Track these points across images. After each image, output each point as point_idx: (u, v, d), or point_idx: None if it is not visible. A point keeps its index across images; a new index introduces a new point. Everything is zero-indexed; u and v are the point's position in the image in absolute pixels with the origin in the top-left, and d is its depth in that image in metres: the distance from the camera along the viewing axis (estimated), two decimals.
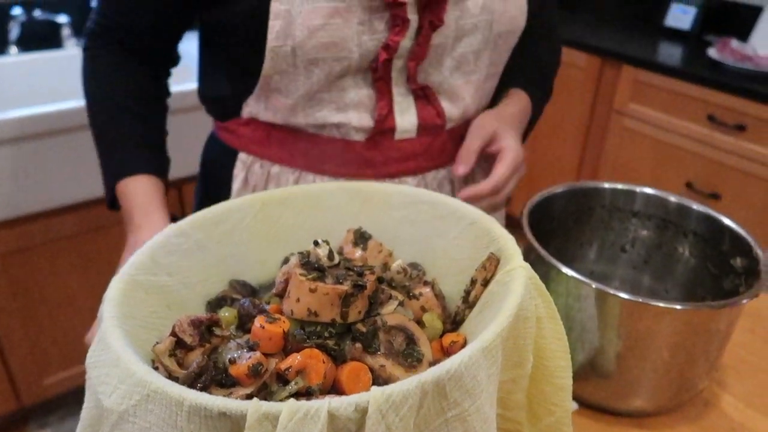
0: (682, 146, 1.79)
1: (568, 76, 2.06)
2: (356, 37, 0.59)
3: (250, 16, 0.58)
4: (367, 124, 0.65)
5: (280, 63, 0.60)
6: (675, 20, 2.06)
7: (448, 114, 0.68)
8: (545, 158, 2.24)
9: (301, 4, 0.57)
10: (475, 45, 0.66)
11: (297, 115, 0.65)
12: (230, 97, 0.68)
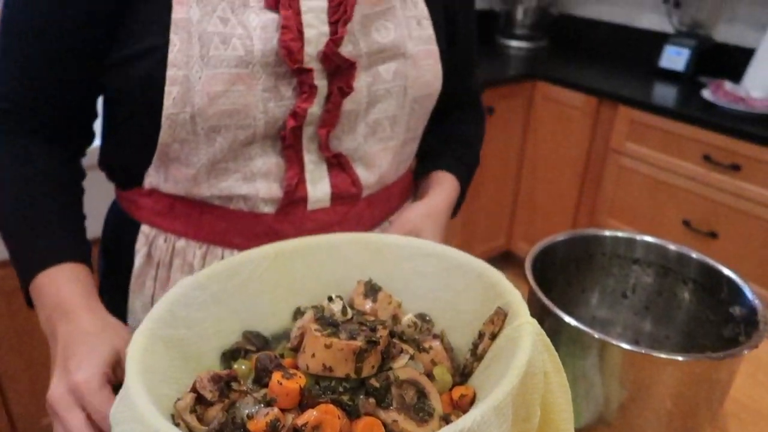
0: (679, 185, 1.82)
1: (565, 115, 2.10)
2: (261, 104, 0.57)
3: (146, 81, 0.55)
4: (276, 194, 0.62)
5: (178, 131, 0.56)
6: (669, 62, 2.12)
7: (365, 182, 0.66)
8: (544, 196, 2.27)
9: (200, 70, 0.54)
10: (390, 111, 0.64)
11: (200, 186, 0.61)
12: (129, 167, 0.64)
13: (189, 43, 0.53)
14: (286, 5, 0.55)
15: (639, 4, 2.38)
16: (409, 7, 0.64)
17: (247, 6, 0.55)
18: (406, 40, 0.62)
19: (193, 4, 0.54)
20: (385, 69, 0.62)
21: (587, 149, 2.07)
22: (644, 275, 0.74)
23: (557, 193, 2.21)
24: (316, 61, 0.57)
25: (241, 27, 0.55)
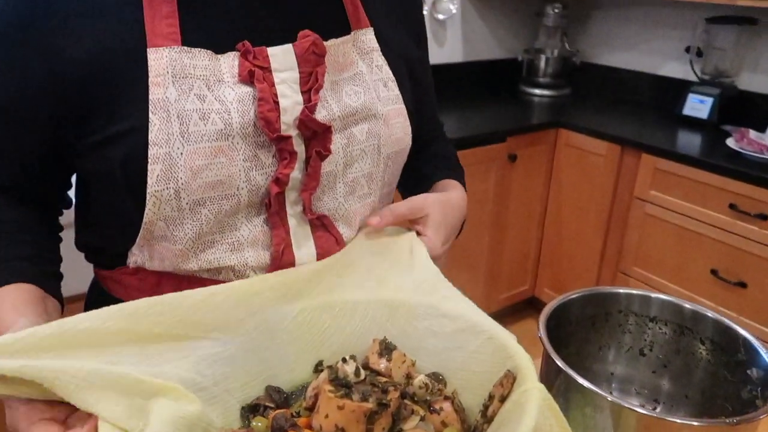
0: (706, 233, 1.80)
1: (588, 162, 2.11)
2: (243, 173, 0.58)
3: (127, 161, 0.55)
4: (264, 261, 0.62)
5: (163, 208, 0.56)
6: (692, 110, 2.12)
7: (347, 239, 0.67)
8: (568, 242, 2.26)
9: (181, 146, 0.55)
10: (365, 169, 0.67)
11: (188, 261, 0.60)
12: (112, 247, 0.63)
13: (168, 122, 0.55)
14: (260, 78, 0.57)
15: (661, 53, 2.41)
16: (375, 71, 0.67)
17: (222, 82, 0.57)
18: (375, 102, 0.66)
19: (170, 85, 0.55)
20: (359, 130, 0.65)
21: (611, 196, 2.07)
22: (661, 333, 0.74)
23: (582, 239, 2.21)
24: (293, 128, 0.59)
25: (218, 102, 0.57)
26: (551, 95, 2.55)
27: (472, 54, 2.62)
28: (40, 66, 0.55)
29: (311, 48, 0.60)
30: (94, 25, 0.55)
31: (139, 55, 0.55)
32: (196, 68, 0.56)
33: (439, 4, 2.41)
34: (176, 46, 0.56)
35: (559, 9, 2.50)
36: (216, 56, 0.57)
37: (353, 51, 0.66)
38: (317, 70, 0.60)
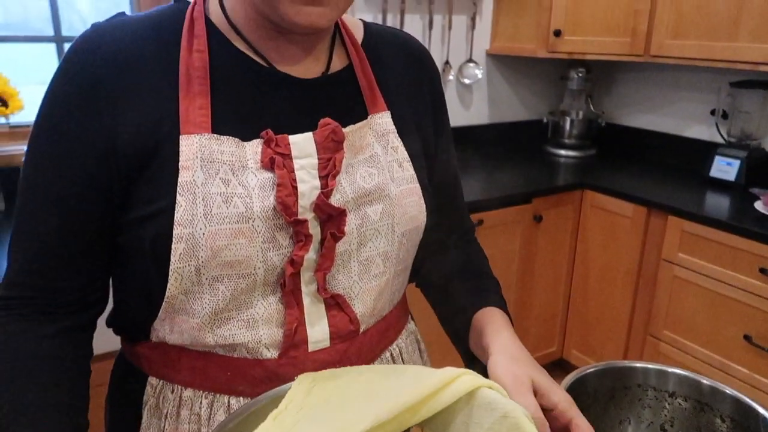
0: (737, 298, 1.78)
1: (615, 224, 2.12)
2: (261, 254, 0.60)
3: (155, 240, 0.58)
4: (277, 339, 0.64)
5: (184, 282, 0.59)
6: (720, 172, 2.13)
7: (361, 318, 0.68)
8: (596, 304, 2.24)
9: (204, 227, 0.57)
10: (380, 248, 0.67)
11: (205, 335, 0.62)
12: (137, 321, 0.66)
13: (194, 204, 0.58)
14: (280, 165, 0.60)
15: (687, 115, 2.43)
16: (390, 152, 0.69)
17: (246, 168, 0.60)
18: (389, 183, 0.67)
19: (198, 169, 0.58)
20: (373, 210, 0.66)
21: (639, 258, 2.06)
22: (681, 409, 0.74)
23: (610, 301, 2.19)
24: (309, 211, 0.62)
25: (241, 187, 0.59)
26: (577, 156, 2.58)
27: (498, 116, 2.68)
28: (96, 151, 0.59)
29: (330, 136, 0.63)
30: (140, 111, 0.59)
31: (173, 141, 0.59)
32: (224, 154, 0.60)
33: (465, 69, 2.49)
34: (206, 134, 0.60)
35: (583, 73, 2.56)
36: (242, 143, 0.61)
37: (370, 134, 0.68)
38: (335, 157, 0.63)
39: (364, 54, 0.71)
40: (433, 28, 2.35)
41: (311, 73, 0.67)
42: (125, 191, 0.60)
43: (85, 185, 0.60)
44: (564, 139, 2.63)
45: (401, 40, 0.77)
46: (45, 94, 0.61)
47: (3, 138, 1.77)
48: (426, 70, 0.77)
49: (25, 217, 0.61)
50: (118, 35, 0.60)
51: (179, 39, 0.62)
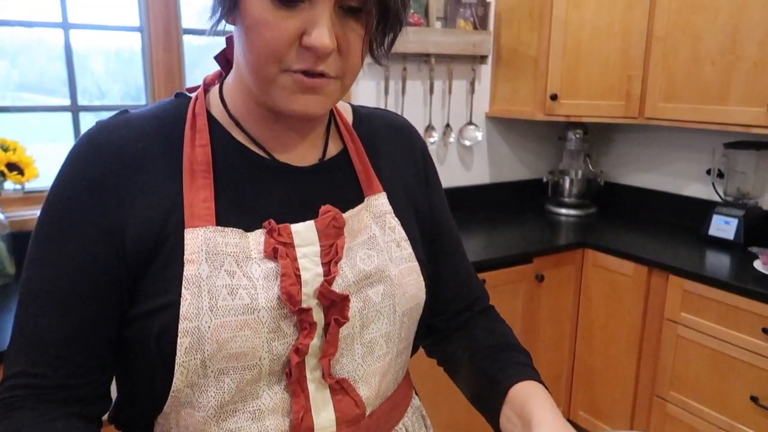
0: (741, 358, 1.77)
1: (617, 283, 2.13)
2: (266, 344, 0.60)
3: (161, 334, 0.58)
4: (284, 428, 0.63)
5: (190, 376, 0.58)
6: (718, 230, 2.15)
7: (366, 400, 0.67)
8: (601, 364, 2.23)
9: (209, 320, 0.57)
10: (383, 329, 0.68)
11: (211, 429, 0.61)
12: (141, 416, 0.65)
13: (199, 297, 0.58)
14: (283, 255, 0.61)
15: (683, 174, 2.48)
16: (388, 233, 0.71)
17: (250, 258, 0.61)
18: (388, 264, 0.68)
19: (203, 262, 0.59)
20: (374, 292, 0.67)
21: (642, 318, 2.06)
22: None
23: (615, 361, 2.17)
24: (313, 298, 0.62)
25: (246, 278, 0.60)
26: (577, 215, 2.62)
27: (498, 176, 2.74)
28: (102, 249, 0.59)
29: (332, 223, 0.65)
30: (146, 207, 0.60)
31: (178, 234, 0.60)
32: (228, 246, 0.60)
33: (465, 131, 2.57)
34: (211, 226, 0.61)
35: (580, 134, 2.63)
36: (245, 234, 0.62)
37: (367, 216, 0.70)
38: (337, 243, 0.64)
39: (357, 137, 0.74)
40: (434, 93, 2.44)
41: (308, 160, 0.70)
42: (132, 287, 0.60)
43: (90, 284, 0.59)
44: (564, 198, 2.67)
45: (388, 120, 0.80)
46: (50, 192, 0.61)
47: (17, 203, 1.82)
48: (414, 144, 0.80)
49: (28, 317, 0.60)
50: (123, 133, 0.62)
51: (182, 134, 0.64)
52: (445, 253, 0.81)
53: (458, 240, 0.84)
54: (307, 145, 0.70)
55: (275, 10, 0.56)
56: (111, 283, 0.60)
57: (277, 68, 0.59)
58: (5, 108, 1.79)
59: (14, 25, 1.79)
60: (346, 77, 0.62)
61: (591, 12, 2.25)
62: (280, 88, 0.60)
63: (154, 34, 1.95)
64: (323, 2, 0.56)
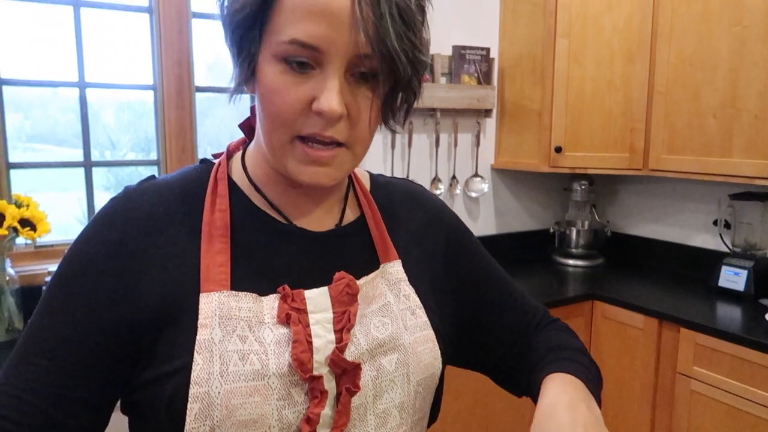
0: (757, 414, 1.73)
1: (627, 335, 2.11)
2: (276, 412, 0.59)
3: (171, 399, 0.57)
4: None
5: None
6: (728, 282, 2.14)
7: None
8: (614, 419, 2.17)
9: (220, 386, 0.57)
10: (396, 399, 0.66)
11: None
12: None
13: (210, 362, 0.57)
14: (296, 321, 0.61)
15: (691, 225, 2.48)
16: (403, 300, 0.70)
17: (263, 323, 0.61)
18: (402, 332, 0.67)
19: (216, 326, 0.59)
20: (388, 361, 0.65)
21: (654, 371, 2.03)
22: None
23: (629, 416, 2.12)
24: (324, 366, 0.61)
25: (257, 343, 0.60)
26: (584, 266, 2.61)
27: (505, 226, 2.75)
28: (117, 311, 0.59)
29: (345, 290, 0.64)
30: (162, 270, 0.61)
31: (193, 299, 0.60)
32: (241, 310, 0.61)
33: (471, 183, 2.59)
34: (225, 291, 0.61)
35: (586, 185, 2.65)
36: (259, 298, 0.62)
37: (382, 283, 0.70)
38: (350, 310, 0.64)
39: (374, 204, 0.75)
40: (440, 146, 2.48)
41: (325, 225, 0.71)
42: (143, 351, 0.60)
43: (92, 342, 0.59)
44: (571, 248, 2.67)
45: (403, 188, 0.82)
46: (70, 248, 0.62)
47: (28, 258, 1.84)
48: (430, 210, 0.81)
49: (23, 367, 0.58)
50: (147, 198, 0.64)
51: (203, 199, 0.66)
52: (486, 292, 0.80)
53: (497, 272, 0.83)
54: (324, 211, 0.71)
55: (287, 77, 0.58)
56: (115, 346, 0.59)
57: (289, 135, 0.60)
58: (20, 164, 1.83)
59: (33, 85, 1.85)
60: (357, 145, 0.63)
61: (592, 67, 2.30)
62: (290, 157, 0.61)
63: (166, 92, 2.01)
64: (333, 68, 0.58)
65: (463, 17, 2.48)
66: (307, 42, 0.56)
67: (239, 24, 0.59)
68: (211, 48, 2.10)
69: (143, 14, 1.98)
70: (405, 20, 0.57)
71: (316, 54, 0.57)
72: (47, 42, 1.86)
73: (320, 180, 0.62)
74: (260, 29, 0.59)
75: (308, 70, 0.58)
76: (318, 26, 0.56)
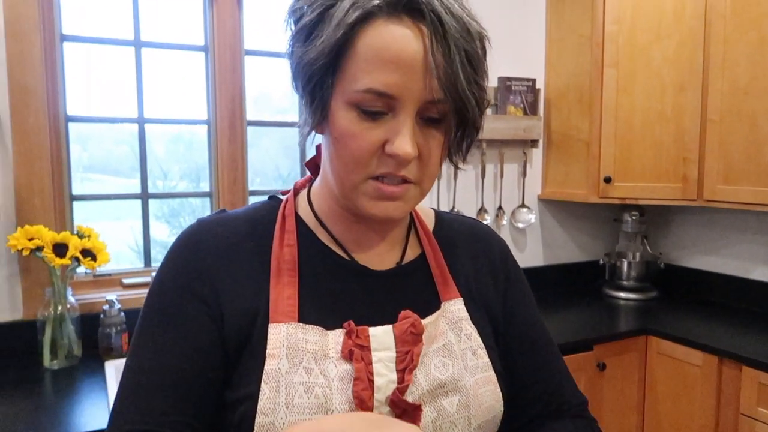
0: None
1: (684, 373, 2.02)
2: None
3: (240, 427, 0.59)
4: None
5: None
6: None
7: None
8: None
9: (284, 417, 0.58)
10: None
11: None
12: None
13: (277, 392, 0.59)
14: (358, 358, 0.62)
15: (750, 257, 2.39)
16: (464, 340, 0.70)
17: (328, 357, 0.62)
18: (463, 373, 0.67)
19: (283, 357, 0.61)
20: (449, 402, 0.65)
21: (715, 411, 1.93)
22: None
23: None
24: (384, 405, 0.62)
25: (322, 376, 0.61)
26: (637, 299, 2.53)
27: (553, 258, 2.70)
28: (211, 330, 0.62)
29: (410, 329, 0.65)
30: (238, 299, 0.64)
31: (263, 329, 0.63)
32: (308, 343, 0.62)
33: (518, 214, 2.57)
34: (293, 323, 0.63)
35: (637, 216, 2.59)
36: (325, 332, 0.64)
37: (443, 321, 0.70)
38: (413, 350, 0.64)
39: (436, 242, 0.76)
40: (486, 177, 2.47)
41: (387, 263, 0.72)
42: (224, 376, 0.63)
43: (198, 366, 0.62)
44: (622, 281, 2.60)
45: (468, 226, 0.82)
46: (154, 282, 0.67)
47: (87, 286, 1.91)
48: (493, 249, 0.81)
49: (128, 406, 0.61)
50: (219, 230, 0.68)
51: (272, 233, 0.69)
52: (527, 352, 0.77)
53: (545, 339, 0.79)
54: (387, 247, 0.73)
55: (361, 122, 0.61)
56: (214, 366, 0.62)
57: (362, 175, 0.63)
58: (82, 196, 1.92)
59: (96, 122, 1.95)
60: (425, 182, 0.65)
61: (642, 97, 2.27)
62: (362, 194, 0.64)
63: (220, 126, 2.08)
64: (405, 114, 0.60)
65: (509, 49, 2.49)
66: (382, 91, 0.59)
67: (314, 74, 0.61)
68: (259, 82, 2.17)
69: (199, 53, 2.06)
70: (473, 65, 0.60)
71: (389, 101, 0.60)
72: (109, 80, 1.96)
73: (391, 213, 0.64)
74: (333, 77, 0.61)
75: (381, 116, 0.61)
76: (392, 75, 0.58)
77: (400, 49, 0.58)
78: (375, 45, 0.58)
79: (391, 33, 0.58)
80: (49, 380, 1.58)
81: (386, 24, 0.58)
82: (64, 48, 1.85)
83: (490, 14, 2.44)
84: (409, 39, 0.58)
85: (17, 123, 1.69)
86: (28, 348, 1.72)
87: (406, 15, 0.58)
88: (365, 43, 0.59)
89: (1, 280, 1.72)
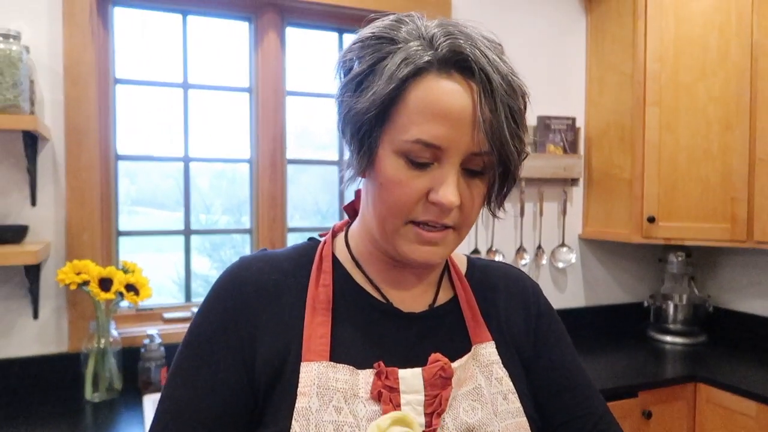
0: None
1: (737, 424, 1.92)
2: None
3: None
4: None
5: None
6: None
7: None
8: None
9: None
10: None
11: None
12: None
13: (307, 430, 0.60)
14: (387, 400, 0.62)
15: None
16: (495, 384, 0.69)
17: (357, 396, 0.63)
18: (492, 418, 0.66)
19: (314, 395, 0.62)
20: None
21: None
22: None
23: None
24: None
25: (351, 416, 0.61)
26: (684, 343, 2.43)
27: (594, 299, 2.63)
28: (240, 371, 0.64)
29: (439, 372, 0.65)
30: (274, 336, 0.66)
31: (295, 366, 0.64)
32: (338, 381, 0.63)
33: (558, 253, 2.52)
34: (324, 362, 0.64)
35: (683, 257, 2.51)
36: (356, 371, 0.64)
37: (473, 364, 0.70)
38: (442, 394, 0.64)
39: (468, 286, 0.77)
40: (525, 216, 2.44)
41: (419, 304, 0.73)
42: (252, 412, 0.64)
43: (222, 406, 0.63)
44: (668, 324, 2.50)
45: (502, 272, 0.82)
46: (195, 317, 0.69)
47: (129, 320, 1.95)
48: (528, 292, 0.81)
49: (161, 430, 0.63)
50: (260, 266, 0.70)
51: (309, 273, 0.71)
52: (561, 391, 0.74)
53: (582, 377, 0.77)
54: (421, 290, 0.74)
55: (408, 171, 0.63)
56: (240, 406, 0.64)
57: (404, 220, 0.65)
58: (128, 232, 1.98)
59: (144, 160, 2.02)
60: (463, 228, 0.67)
61: (687, 135, 2.22)
62: (402, 238, 0.65)
63: (261, 164, 2.13)
64: (450, 164, 0.62)
65: (548, 87, 2.49)
66: (431, 142, 0.61)
67: (364, 123, 0.64)
68: (299, 120, 2.22)
69: (244, 94, 2.13)
70: (515, 119, 0.62)
71: (436, 151, 0.62)
72: (157, 120, 2.04)
73: (430, 258, 0.66)
74: (382, 126, 0.64)
75: (428, 165, 0.63)
76: (441, 127, 0.61)
77: (450, 103, 0.60)
78: (426, 98, 0.61)
79: (441, 88, 0.61)
80: (90, 413, 1.61)
81: (437, 79, 0.61)
82: (116, 90, 1.94)
83: (530, 52, 2.45)
84: (459, 94, 0.61)
85: (71, 162, 1.77)
86: (71, 380, 1.76)
87: (456, 71, 0.61)
88: (416, 95, 0.61)
89: (49, 312, 1.77)
